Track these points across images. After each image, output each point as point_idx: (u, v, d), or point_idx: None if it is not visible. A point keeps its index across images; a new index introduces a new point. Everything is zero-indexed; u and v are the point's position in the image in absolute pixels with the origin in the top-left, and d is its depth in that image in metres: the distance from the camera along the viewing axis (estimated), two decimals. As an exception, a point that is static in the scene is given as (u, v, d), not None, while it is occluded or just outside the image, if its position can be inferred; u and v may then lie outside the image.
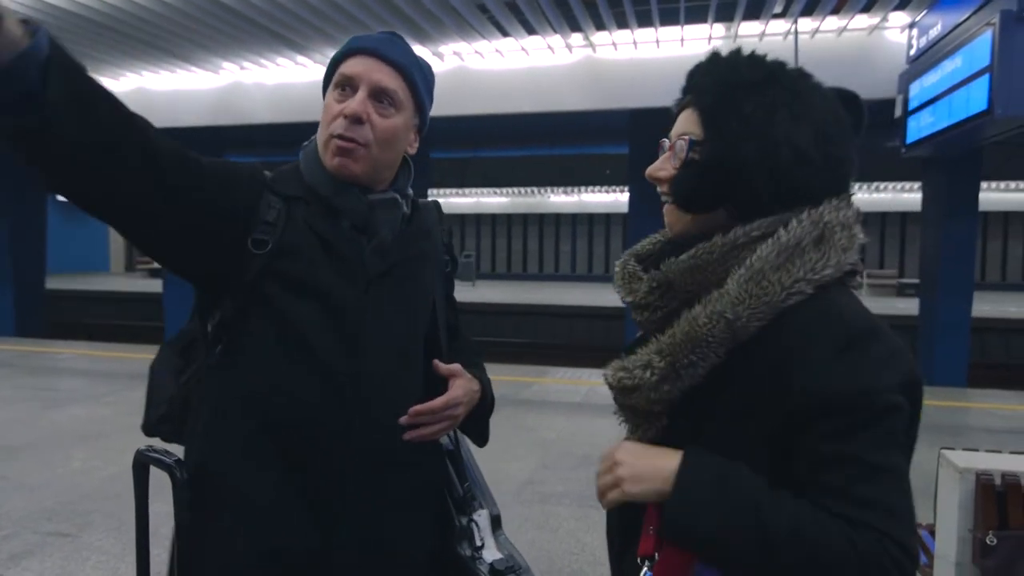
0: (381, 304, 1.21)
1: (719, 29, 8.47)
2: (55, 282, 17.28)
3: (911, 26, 7.78)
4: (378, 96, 1.20)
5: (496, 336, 17.16)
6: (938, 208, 9.32)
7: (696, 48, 8.68)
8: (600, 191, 27.28)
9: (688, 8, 7.84)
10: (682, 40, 8.68)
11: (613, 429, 1.11)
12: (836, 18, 8.04)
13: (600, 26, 8.37)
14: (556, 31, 8.48)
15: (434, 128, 1.49)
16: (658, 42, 8.76)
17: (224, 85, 10.55)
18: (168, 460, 1.18)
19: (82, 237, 27.10)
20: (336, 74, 1.22)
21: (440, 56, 9.33)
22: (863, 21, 8.12)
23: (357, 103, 1.18)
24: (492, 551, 1.29)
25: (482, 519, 1.32)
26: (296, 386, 1.15)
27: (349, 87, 1.20)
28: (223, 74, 10.42)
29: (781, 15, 7.90)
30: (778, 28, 8.22)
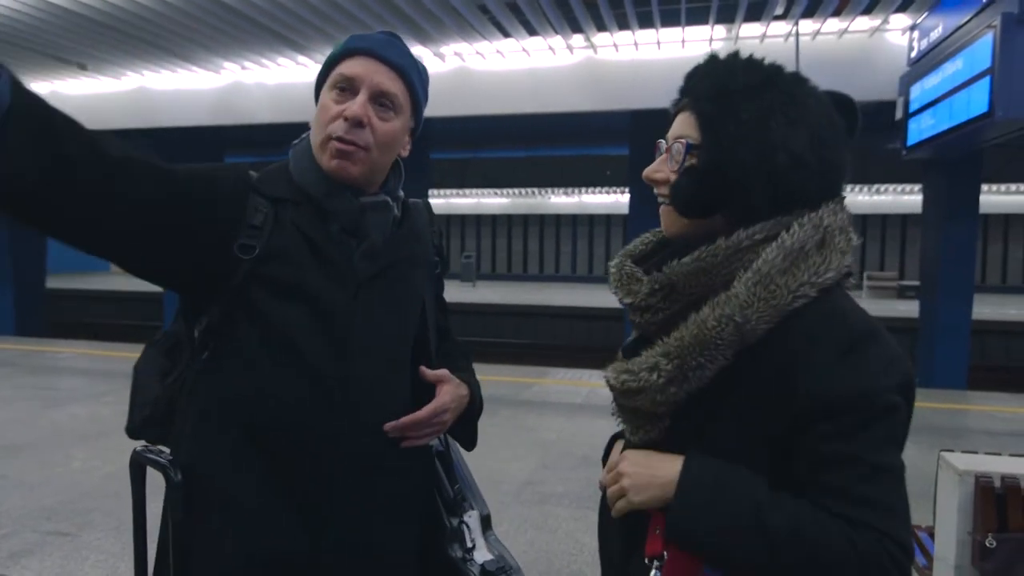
0: (370, 308, 1.20)
1: (720, 31, 8.48)
2: (55, 281, 17.28)
3: (912, 28, 7.78)
4: (378, 99, 1.19)
5: (496, 337, 17.16)
6: (938, 210, 9.32)
7: (697, 49, 8.68)
8: (600, 192, 27.29)
9: (689, 10, 7.84)
10: (683, 42, 8.69)
11: (613, 430, 1.11)
12: (837, 20, 8.04)
13: (601, 27, 8.37)
14: (557, 32, 8.48)
15: (434, 129, 1.49)
16: (659, 43, 8.76)
17: (225, 85, 10.56)
18: (163, 460, 1.17)
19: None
20: (334, 74, 1.20)
21: (441, 57, 9.33)
22: (864, 23, 8.13)
23: (359, 106, 1.17)
24: (483, 552, 1.29)
25: (472, 520, 1.32)
26: (284, 390, 1.14)
27: (348, 88, 1.18)
28: (224, 74, 10.43)
29: (782, 17, 7.90)
30: (779, 30, 8.22)
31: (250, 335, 1.15)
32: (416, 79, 1.25)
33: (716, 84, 0.97)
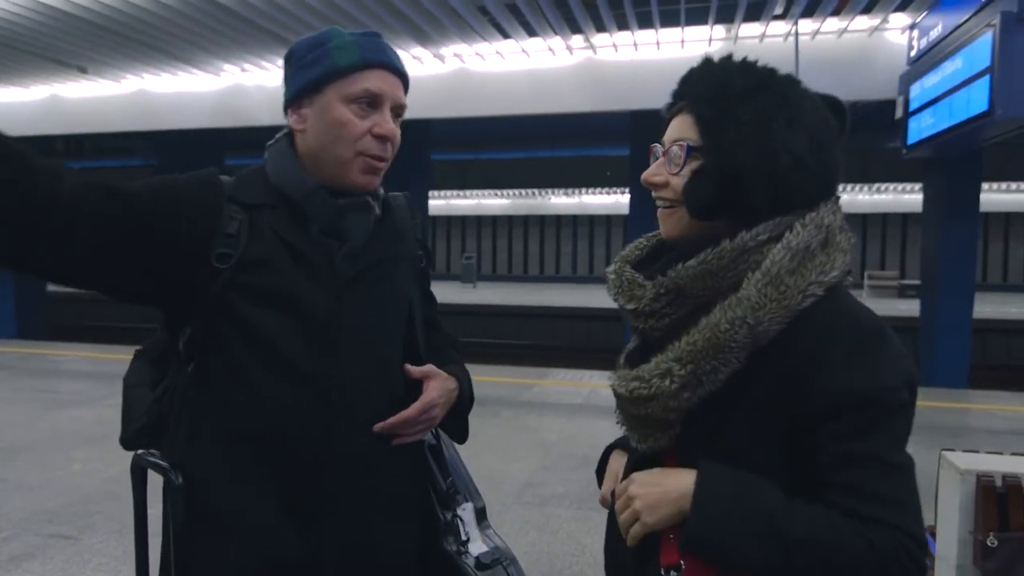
0: (354, 309, 1.19)
1: (719, 31, 8.48)
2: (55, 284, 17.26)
3: (911, 27, 7.79)
4: (395, 112, 1.21)
5: (497, 338, 17.17)
6: (939, 209, 9.32)
7: (696, 50, 8.68)
8: (601, 193, 27.31)
9: (688, 10, 7.85)
10: (682, 42, 8.69)
11: (614, 431, 1.11)
12: (836, 19, 8.05)
13: (600, 28, 8.38)
14: (557, 33, 8.49)
15: (435, 130, 1.49)
16: (658, 44, 8.77)
17: (225, 87, 10.57)
18: (165, 464, 1.18)
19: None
20: (358, 88, 1.17)
21: (441, 58, 9.33)
22: (863, 23, 8.13)
23: (391, 125, 1.19)
24: (478, 544, 1.29)
25: (467, 513, 1.32)
26: (273, 397, 1.14)
27: (370, 104, 1.18)
28: (224, 76, 10.44)
29: (781, 17, 7.90)
30: (778, 30, 8.23)
31: (235, 344, 1.14)
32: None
33: (713, 87, 0.97)
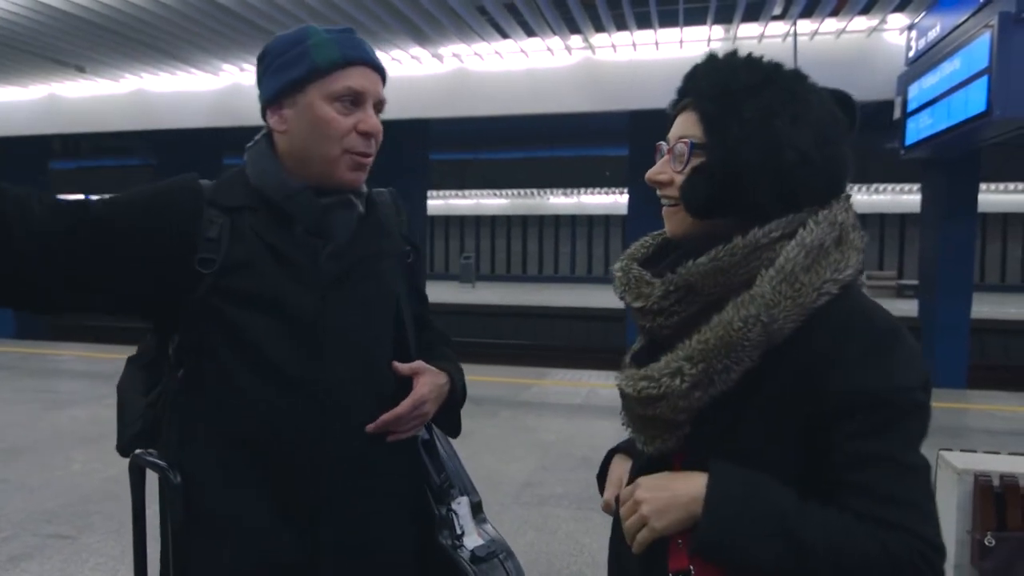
0: (340, 309, 1.19)
1: (718, 31, 8.48)
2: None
3: (910, 28, 7.79)
4: (377, 108, 1.22)
5: (496, 338, 17.16)
6: (937, 209, 9.32)
7: (695, 50, 8.68)
8: (599, 193, 27.31)
9: (687, 10, 7.85)
10: (681, 42, 8.69)
11: (613, 431, 1.11)
12: (835, 20, 8.05)
13: (599, 28, 8.38)
14: (555, 33, 8.48)
15: (434, 130, 1.49)
16: (657, 44, 8.76)
17: (224, 87, 10.55)
18: (163, 464, 1.18)
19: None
20: (341, 86, 1.18)
21: (439, 58, 9.32)
22: (862, 23, 8.13)
23: (375, 121, 1.20)
24: (473, 538, 1.28)
25: (462, 507, 1.31)
26: (262, 400, 1.14)
27: (353, 101, 1.19)
28: (223, 76, 10.42)
29: (780, 17, 7.90)
30: (777, 30, 8.23)
31: (222, 348, 1.14)
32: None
33: (717, 83, 0.96)
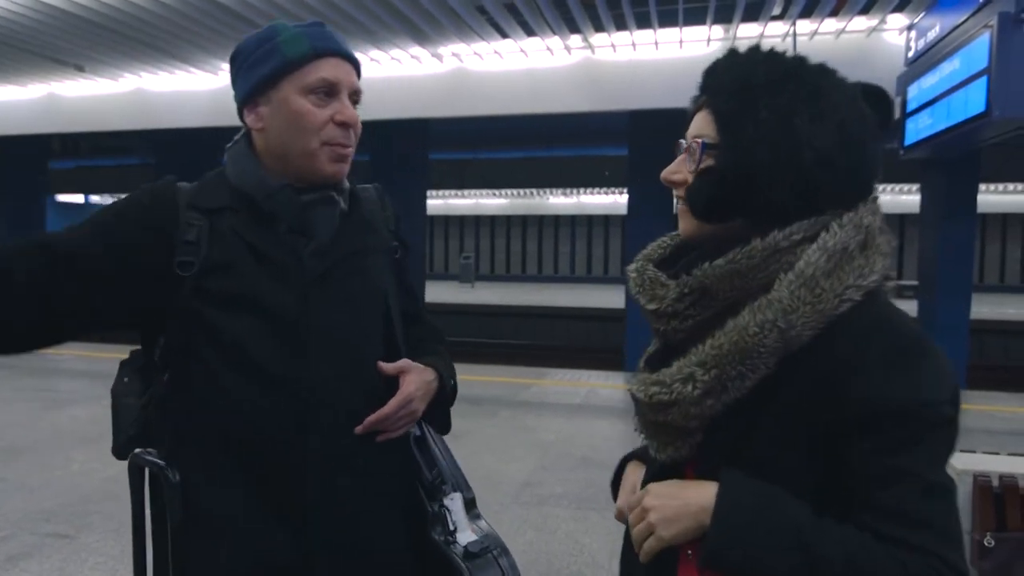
0: (324, 307, 1.18)
1: (718, 31, 8.48)
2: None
3: (909, 28, 7.79)
4: (353, 99, 1.22)
5: (495, 338, 17.16)
6: (936, 210, 9.33)
7: (695, 50, 8.68)
8: (599, 193, 27.31)
9: (687, 10, 7.85)
10: (681, 42, 8.68)
11: (612, 430, 1.11)
12: (834, 20, 8.05)
13: (599, 28, 8.37)
14: (555, 33, 8.48)
15: (433, 129, 1.49)
16: (657, 44, 8.76)
17: (223, 86, 10.54)
18: (162, 463, 1.18)
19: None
20: (314, 78, 1.17)
21: (439, 57, 9.32)
22: (861, 23, 8.13)
23: (352, 111, 1.19)
24: (466, 534, 1.28)
25: (455, 503, 1.31)
26: (249, 401, 1.13)
27: (328, 92, 1.18)
28: (222, 75, 10.42)
29: (779, 17, 7.90)
30: (776, 30, 8.22)
31: (206, 350, 1.14)
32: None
33: (735, 80, 0.91)
